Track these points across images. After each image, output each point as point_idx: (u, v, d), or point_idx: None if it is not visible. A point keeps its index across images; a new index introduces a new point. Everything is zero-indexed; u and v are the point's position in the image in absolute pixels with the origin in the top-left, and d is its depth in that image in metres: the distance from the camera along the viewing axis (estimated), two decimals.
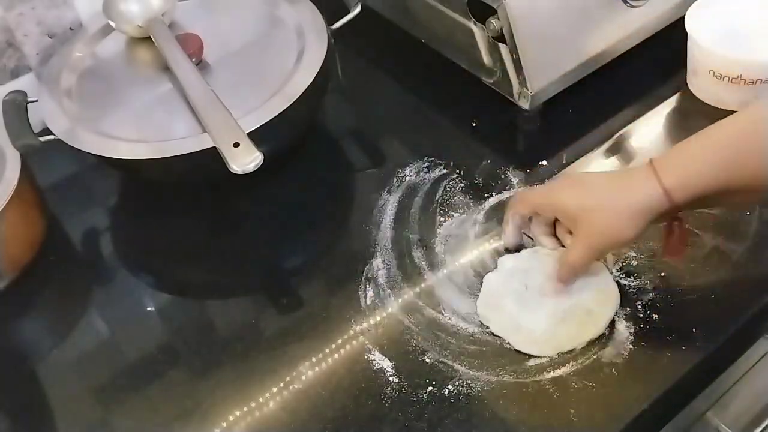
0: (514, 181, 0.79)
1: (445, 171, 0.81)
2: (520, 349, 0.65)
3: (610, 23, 0.83)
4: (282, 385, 0.66)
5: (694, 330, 0.64)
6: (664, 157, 0.63)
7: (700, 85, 0.83)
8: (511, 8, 0.77)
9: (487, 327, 0.67)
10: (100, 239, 0.83)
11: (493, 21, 0.78)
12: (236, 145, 0.68)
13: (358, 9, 0.86)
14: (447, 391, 0.63)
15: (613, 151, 0.81)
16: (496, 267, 0.71)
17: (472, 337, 0.67)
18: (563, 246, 0.70)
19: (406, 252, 0.74)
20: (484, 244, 0.74)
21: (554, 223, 0.71)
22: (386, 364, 0.66)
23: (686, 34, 0.81)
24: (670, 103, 0.85)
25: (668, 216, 0.63)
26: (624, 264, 0.70)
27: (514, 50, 0.79)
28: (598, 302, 0.67)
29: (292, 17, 0.86)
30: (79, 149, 0.76)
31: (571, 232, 0.68)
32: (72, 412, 0.68)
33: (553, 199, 0.67)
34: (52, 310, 0.78)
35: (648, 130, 0.83)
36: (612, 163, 0.80)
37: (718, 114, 0.81)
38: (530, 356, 0.65)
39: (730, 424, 0.84)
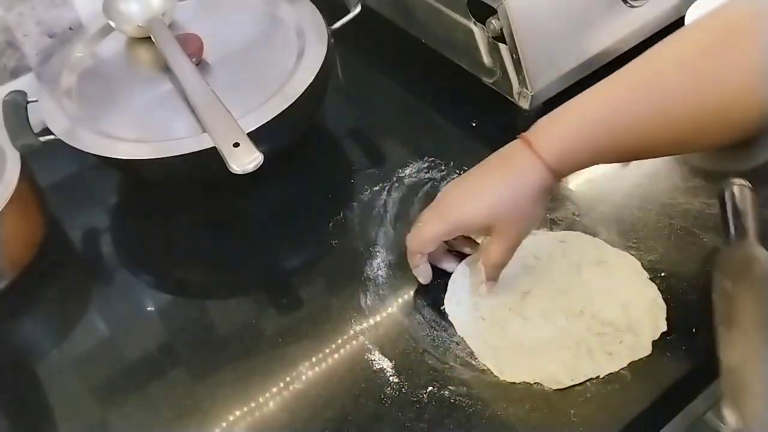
0: None
1: (445, 171, 0.81)
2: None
3: (610, 23, 0.83)
4: (282, 385, 0.66)
5: (694, 330, 0.64)
6: (536, 131, 0.64)
7: None
8: (511, 8, 0.77)
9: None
10: (100, 239, 0.83)
11: (493, 21, 0.78)
12: (236, 145, 0.68)
13: (358, 9, 0.86)
14: (447, 392, 0.63)
15: None
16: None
17: None
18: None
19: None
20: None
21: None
22: (386, 364, 0.66)
23: None
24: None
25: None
26: None
27: (514, 50, 0.79)
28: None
29: (292, 17, 0.86)
30: (79, 149, 0.76)
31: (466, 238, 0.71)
32: (72, 412, 0.68)
33: (459, 222, 0.66)
34: (52, 310, 0.78)
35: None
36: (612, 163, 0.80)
37: None
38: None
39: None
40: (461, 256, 0.72)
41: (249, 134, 0.69)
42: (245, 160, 0.67)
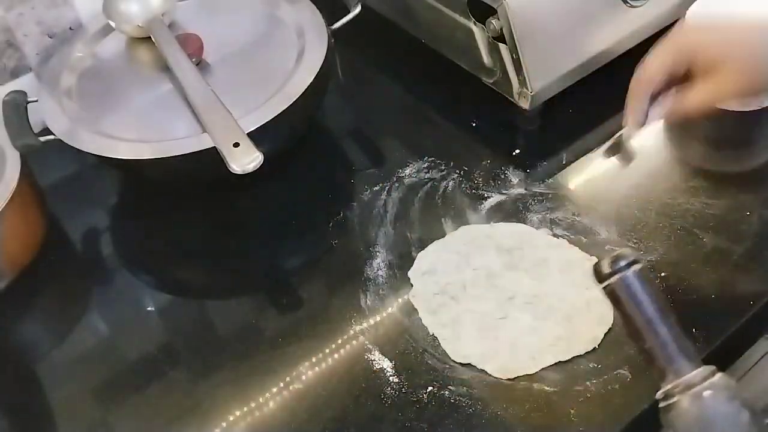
0: (514, 181, 0.79)
1: (445, 171, 0.81)
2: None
3: (610, 23, 0.83)
4: (282, 385, 0.66)
5: (694, 330, 0.64)
6: None
7: None
8: (511, 8, 0.77)
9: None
10: (100, 239, 0.83)
11: (493, 21, 0.78)
12: (236, 145, 0.68)
13: (358, 9, 0.85)
14: (447, 392, 0.63)
15: (613, 151, 0.81)
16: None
17: None
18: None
19: (406, 252, 0.74)
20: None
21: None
22: (386, 364, 0.66)
23: None
24: None
25: None
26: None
27: (514, 50, 0.79)
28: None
29: (292, 17, 0.86)
30: (79, 149, 0.76)
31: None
32: (72, 412, 0.68)
33: (694, 45, 0.58)
34: (52, 310, 0.78)
35: (648, 129, 0.83)
36: (612, 162, 0.80)
37: (717, 113, 0.82)
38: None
39: None
40: None
41: (249, 134, 0.69)
42: (245, 160, 0.67)
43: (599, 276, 0.54)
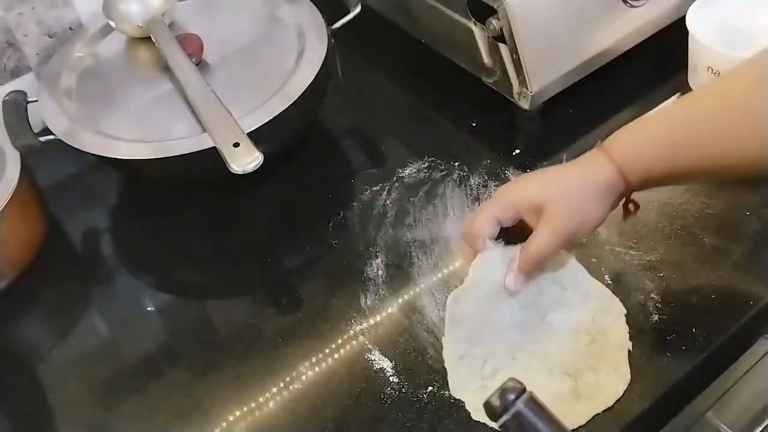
0: None
1: (445, 171, 0.81)
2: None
3: (610, 23, 0.83)
4: (282, 385, 0.66)
5: (694, 330, 0.64)
6: (613, 138, 0.63)
7: (700, 81, 0.83)
8: (511, 8, 0.77)
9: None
10: (100, 239, 0.83)
11: (493, 21, 0.78)
12: (236, 145, 0.68)
13: (358, 9, 0.86)
14: (447, 392, 0.63)
15: None
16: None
17: None
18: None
19: (406, 252, 0.74)
20: None
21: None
22: (386, 364, 0.66)
23: (686, 33, 0.81)
24: (670, 102, 0.85)
25: (625, 197, 0.63)
26: (624, 263, 0.70)
27: (514, 50, 0.79)
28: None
29: (292, 17, 0.86)
30: (79, 149, 0.76)
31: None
32: (72, 412, 0.68)
33: (515, 196, 0.63)
34: (52, 310, 0.78)
35: None
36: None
37: None
38: None
39: (730, 424, 0.84)
40: None
41: (249, 134, 0.69)
42: (245, 160, 0.67)
43: (492, 414, 0.51)
